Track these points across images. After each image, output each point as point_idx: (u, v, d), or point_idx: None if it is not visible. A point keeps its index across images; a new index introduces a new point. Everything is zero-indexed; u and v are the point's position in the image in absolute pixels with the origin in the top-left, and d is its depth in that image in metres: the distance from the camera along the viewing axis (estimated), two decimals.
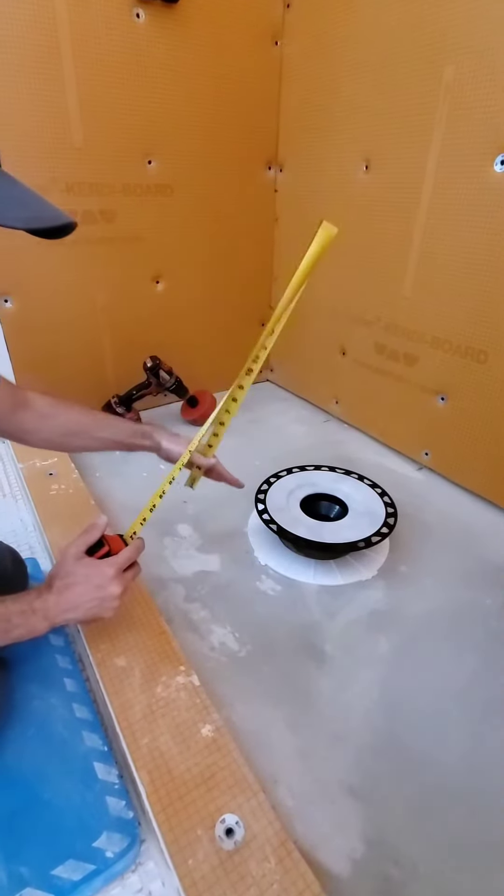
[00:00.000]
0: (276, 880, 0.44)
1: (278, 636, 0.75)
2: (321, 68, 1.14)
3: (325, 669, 0.70)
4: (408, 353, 1.13)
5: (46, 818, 0.51)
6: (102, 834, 0.50)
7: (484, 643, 0.74)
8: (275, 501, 0.93)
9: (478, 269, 0.93)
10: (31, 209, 0.45)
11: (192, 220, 1.28)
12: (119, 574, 0.57)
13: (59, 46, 0.96)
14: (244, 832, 0.47)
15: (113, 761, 0.57)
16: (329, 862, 0.51)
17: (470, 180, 0.90)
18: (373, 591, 0.83)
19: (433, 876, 0.50)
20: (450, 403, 1.07)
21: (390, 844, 0.52)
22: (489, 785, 0.58)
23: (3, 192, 0.44)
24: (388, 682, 0.69)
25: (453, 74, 0.87)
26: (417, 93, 0.94)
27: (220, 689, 0.66)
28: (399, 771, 0.59)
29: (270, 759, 0.59)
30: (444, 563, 0.89)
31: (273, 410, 1.48)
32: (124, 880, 0.49)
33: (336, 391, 1.40)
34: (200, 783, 0.51)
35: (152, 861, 0.50)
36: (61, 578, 0.56)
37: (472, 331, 0.98)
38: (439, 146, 0.93)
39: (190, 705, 0.59)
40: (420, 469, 1.18)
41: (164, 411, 1.42)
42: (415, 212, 1.01)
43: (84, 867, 0.48)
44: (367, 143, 1.08)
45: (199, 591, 0.83)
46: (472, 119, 0.87)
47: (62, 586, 0.55)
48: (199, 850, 0.46)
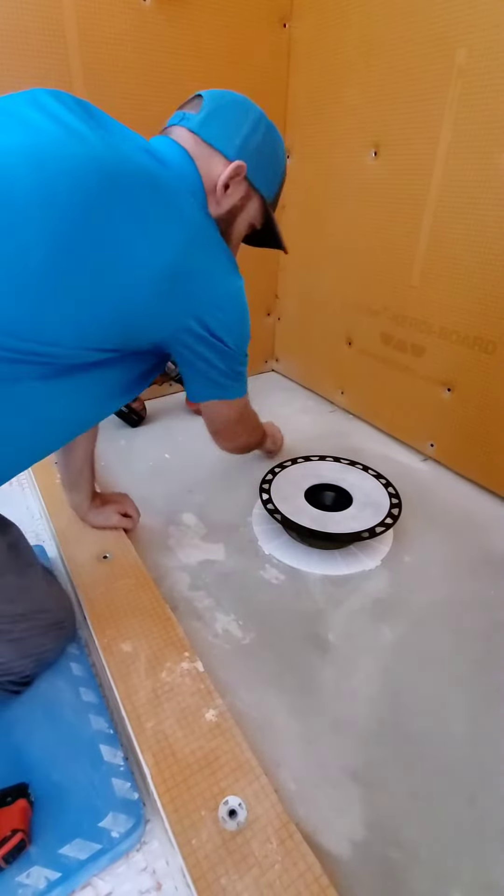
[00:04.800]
0: (277, 861, 0.45)
1: (282, 624, 0.76)
2: (330, 52, 1.12)
3: (328, 658, 0.71)
4: (415, 344, 1.12)
5: (54, 798, 0.52)
6: (108, 814, 0.51)
7: (487, 633, 0.75)
8: (279, 491, 0.93)
9: (488, 258, 0.92)
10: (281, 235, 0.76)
11: None
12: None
13: (65, 30, 0.95)
14: (247, 814, 0.48)
15: (118, 744, 0.58)
16: (330, 844, 0.51)
17: (482, 167, 0.88)
18: (377, 580, 0.84)
19: (434, 860, 0.51)
20: (456, 394, 1.07)
21: (391, 829, 0.53)
22: (490, 772, 0.58)
23: (279, 231, 0.74)
24: (392, 671, 0.69)
25: (466, 57, 0.85)
26: (428, 76, 0.92)
27: (224, 675, 0.67)
28: (401, 757, 0.59)
29: (273, 743, 0.60)
30: (448, 554, 0.89)
31: (278, 401, 1.47)
32: (129, 859, 0.50)
33: (341, 382, 1.39)
34: (204, 766, 0.52)
35: (156, 841, 0.51)
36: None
37: (480, 321, 0.97)
38: (450, 132, 0.92)
39: (194, 690, 0.60)
40: (425, 460, 1.18)
41: (169, 401, 1.43)
42: (424, 199, 1.00)
43: (90, 846, 0.49)
44: (377, 129, 1.06)
45: (204, 580, 0.83)
46: (484, 104, 0.85)
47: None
48: (203, 830, 0.47)
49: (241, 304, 0.63)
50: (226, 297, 0.61)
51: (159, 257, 0.52)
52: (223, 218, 0.66)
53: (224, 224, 0.66)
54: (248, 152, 0.64)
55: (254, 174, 0.65)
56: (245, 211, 0.68)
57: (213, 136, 0.63)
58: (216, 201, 0.64)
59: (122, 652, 0.64)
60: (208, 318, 0.59)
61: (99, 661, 0.66)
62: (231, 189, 0.64)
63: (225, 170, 0.62)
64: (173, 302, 0.56)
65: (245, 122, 0.65)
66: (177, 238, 0.54)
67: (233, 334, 0.63)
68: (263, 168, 0.66)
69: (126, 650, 0.64)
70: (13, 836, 0.47)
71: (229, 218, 0.67)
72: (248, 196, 0.67)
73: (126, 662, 0.63)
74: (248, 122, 0.65)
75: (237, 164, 0.62)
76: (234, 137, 0.63)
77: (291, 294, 1.49)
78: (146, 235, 0.51)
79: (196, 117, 0.63)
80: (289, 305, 1.51)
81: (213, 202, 0.64)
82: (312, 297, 1.39)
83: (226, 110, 0.64)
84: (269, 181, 0.68)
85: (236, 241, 0.72)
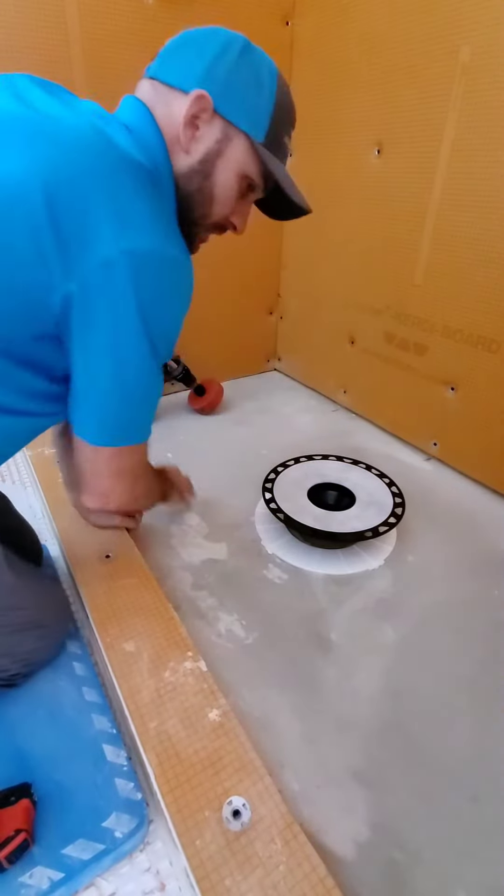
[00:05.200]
0: (282, 861, 0.45)
1: (285, 624, 0.75)
2: (332, 50, 1.11)
3: (331, 657, 0.71)
4: (417, 343, 1.12)
5: (57, 798, 0.52)
6: (111, 814, 0.51)
7: (491, 633, 0.74)
8: (282, 491, 0.93)
9: (491, 256, 0.92)
10: (302, 199, 0.61)
11: None
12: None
13: (67, 27, 0.95)
14: (251, 814, 0.48)
15: (121, 744, 0.58)
16: (334, 845, 0.51)
17: (486, 165, 0.88)
18: (380, 580, 0.83)
19: (438, 861, 0.51)
20: (459, 393, 1.06)
21: (395, 829, 0.53)
22: (494, 772, 0.58)
23: (292, 185, 0.59)
24: (395, 671, 0.69)
25: (470, 55, 0.85)
26: (432, 74, 0.92)
27: (227, 675, 0.67)
28: (404, 757, 0.59)
29: (276, 744, 0.60)
30: (451, 554, 0.89)
31: (280, 400, 1.47)
32: (132, 860, 0.50)
33: (344, 381, 1.39)
34: (208, 766, 0.52)
35: (160, 841, 0.51)
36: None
37: (484, 320, 0.97)
38: (454, 130, 0.91)
39: (197, 690, 0.59)
40: (428, 459, 1.17)
41: (171, 400, 1.42)
42: (427, 198, 0.99)
43: (93, 846, 0.49)
44: (380, 127, 1.05)
45: (207, 579, 0.83)
46: (489, 102, 0.85)
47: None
48: (207, 830, 0.47)
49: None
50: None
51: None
52: (198, 171, 0.54)
53: (199, 178, 0.55)
54: (216, 79, 0.51)
55: (227, 105, 0.52)
56: (225, 157, 0.54)
57: (171, 72, 0.52)
58: (183, 149, 0.53)
59: (125, 651, 0.64)
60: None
61: (102, 661, 0.66)
62: (201, 130, 0.52)
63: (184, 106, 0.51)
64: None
65: (210, 47, 0.51)
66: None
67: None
68: (240, 96, 0.52)
69: (129, 649, 0.64)
70: (16, 835, 0.46)
71: (205, 169, 0.54)
72: (226, 137, 0.53)
73: (129, 662, 0.63)
74: (213, 45, 0.52)
75: (195, 93, 0.50)
76: (195, 65, 0.51)
77: (294, 292, 1.48)
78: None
79: (156, 59, 0.54)
80: (291, 304, 1.51)
81: (179, 153, 0.53)
82: (315, 295, 1.39)
83: (188, 42, 0.53)
84: (252, 113, 0.53)
85: (225, 200, 0.57)
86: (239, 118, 0.53)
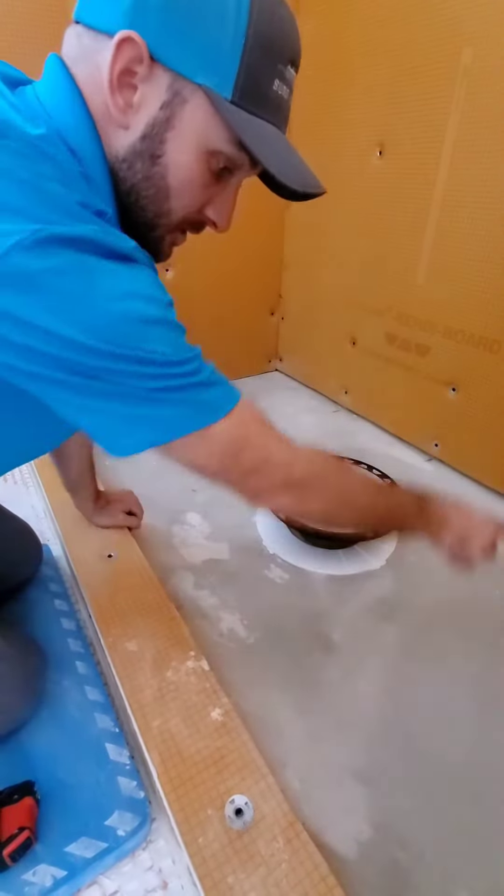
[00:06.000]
0: (284, 860, 0.45)
1: (286, 624, 0.76)
2: (335, 51, 1.12)
3: (332, 657, 0.71)
4: (419, 343, 1.12)
5: (59, 797, 0.52)
6: (114, 813, 0.51)
7: (492, 633, 0.74)
8: None
9: (493, 257, 0.92)
10: (303, 175, 0.44)
11: None
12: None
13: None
14: (253, 813, 0.48)
15: (124, 743, 0.58)
16: (336, 844, 0.51)
17: (488, 167, 0.88)
18: (381, 580, 0.83)
19: (439, 861, 0.51)
20: (461, 394, 1.06)
21: (397, 829, 0.53)
22: (495, 772, 0.58)
23: (287, 159, 0.42)
24: (396, 671, 0.69)
25: (472, 57, 0.85)
26: (434, 76, 0.92)
27: (229, 674, 0.67)
28: (405, 758, 0.59)
29: (278, 743, 0.60)
30: None
31: (281, 400, 1.47)
32: (135, 858, 0.50)
33: (346, 381, 1.39)
34: (210, 765, 0.52)
35: (162, 839, 0.51)
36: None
37: (485, 320, 0.97)
38: (456, 131, 0.91)
39: (200, 689, 0.60)
40: (429, 460, 1.17)
41: None
42: (429, 199, 0.99)
43: (96, 845, 0.49)
44: (382, 128, 1.06)
45: (209, 579, 0.83)
46: (491, 103, 0.85)
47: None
48: (209, 829, 0.47)
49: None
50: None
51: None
52: (140, 152, 0.39)
53: (144, 163, 0.39)
54: (149, 11, 0.34)
55: (170, 49, 0.35)
56: (177, 128, 0.38)
57: (94, 9, 0.36)
58: (119, 123, 0.38)
59: (128, 651, 0.64)
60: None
61: (104, 660, 0.66)
62: (140, 92, 0.37)
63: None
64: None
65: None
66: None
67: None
68: (189, 32, 0.35)
69: (131, 649, 0.64)
70: (20, 833, 0.47)
71: (150, 148, 0.39)
72: (175, 96, 0.37)
73: (131, 661, 0.63)
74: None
75: (119, 36, 0.34)
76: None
77: (295, 293, 1.49)
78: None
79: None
80: (293, 305, 1.51)
81: (114, 130, 0.38)
82: (316, 296, 1.39)
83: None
84: (211, 55, 0.36)
85: (187, 190, 0.41)
86: (191, 65, 0.36)
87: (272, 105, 0.40)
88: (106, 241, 0.35)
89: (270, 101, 0.39)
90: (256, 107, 0.38)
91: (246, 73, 0.37)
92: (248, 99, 0.38)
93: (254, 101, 0.38)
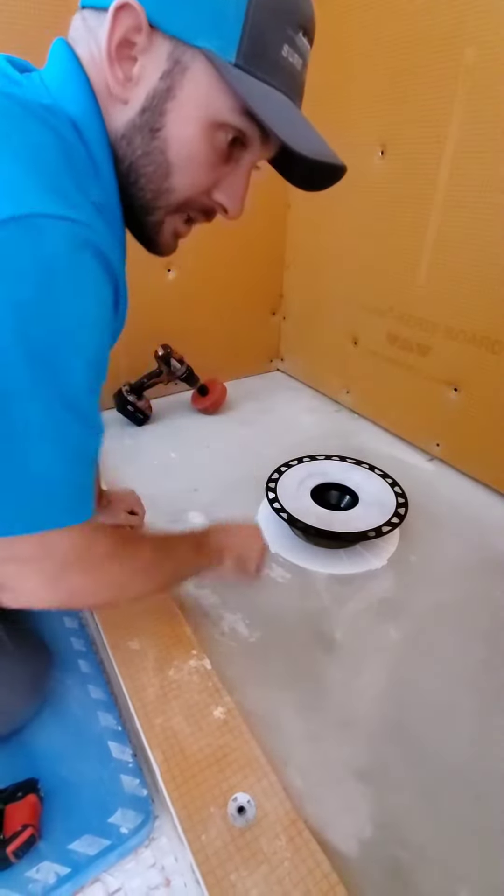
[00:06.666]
0: (286, 858, 0.45)
1: (288, 623, 0.76)
2: (336, 52, 1.12)
3: (334, 656, 0.71)
4: (421, 344, 1.12)
5: (63, 794, 0.53)
6: (117, 810, 0.52)
7: (493, 633, 0.75)
8: (285, 490, 0.93)
9: (494, 258, 0.92)
10: (318, 145, 0.41)
11: None
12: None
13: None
14: (255, 811, 0.48)
15: (127, 741, 0.58)
16: (338, 842, 0.51)
17: (490, 167, 0.88)
18: (382, 580, 0.84)
19: (441, 859, 0.51)
20: (462, 394, 1.06)
21: (398, 827, 0.53)
22: (496, 771, 0.58)
23: (300, 128, 0.40)
24: (397, 670, 0.69)
25: (474, 57, 0.85)
26: (436, 76, 0.92)
27: (231, 673, 0.67)
28: (407, 756, 0.59)
29: (280, 741, 0.60)
30: (454, 554, 0.89)
31: (283, 400, 1.48)
32: (138, 855, 0.50)
33: (347, 381, 1.39)
34: (213, 763, 0.52)
35: (165, 837, 0.52)
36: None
37: (486, 321, 0.97)
38: (458, 131, 0.91)
39: (202, 688, 0.60)
40: (431, 460, 1.18)
41: (174, 400, 1.43)
42: (431, 199, 1.00)
43: (100, 842, 0.49)
44: (383, 129, 1.06)
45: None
46: (492, 103, 0.85)
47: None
48: (212, 826, 0.47)
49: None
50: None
51: None
52: (139, 126, 0.37)
53: (143, 137, 0.38)
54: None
55: (170, 13, 0.34)
56: (179, 98, 0.36)
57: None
58: (119, 98, 0.37)
59: (130, 649, 0.64)
60: None
61: (107, 659, 0.67)
62: (139, 63, 0.36)
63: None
64: None
65: None
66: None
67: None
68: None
69: (134, 648, 0.65)
70: (23, 830, 0.47)
71: (150, 122, 0.37)
72: (176, 64, 0.35)
73: (134, 660, 0.63)
74: None
75: (118, 2, 0.33)
76: None
77: (297, 293, 1.49)
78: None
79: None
80: (294, 304, 1.51)
81: (115, 106, 0.37)
82: (318, 296, 1.39)
83: None
84: (214, 16, 0.34)
85: (191, 167, 0.39)
86: (192, 27, 0.34)
87: (283, 73, 0.37)
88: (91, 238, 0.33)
89: (280, 67, 0.37)
90: (264, 72, 0.36)
91: (251, 34, 0.34)
92: (255, 63, 0.35)
93: (261, 66, 0.36)
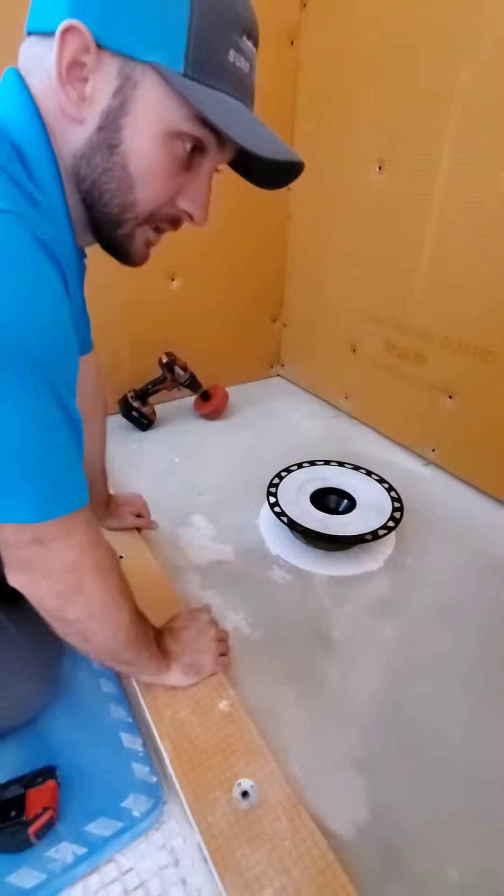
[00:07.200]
0: (287, 837, 0.49)
1: (288, 622, 0.79)
2: (336, 69, 1.16)
3: (332, 654, 0.75)
4: (417, 352, 1.16)
5: (79, 781, 0.56)
6: (129, 795, 0.55)
7: (486, 632, 0.78)
8: (286, 494, 0.97)
9: (489, 270, 0.96)
10: (274, 143, 0.42)
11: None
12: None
13: None
14: (258, 795, 0.52)
15: (137, 731, 0.62)
16: (335, 827, 0.55)
17: (482, 183, 0.92)
18: (379, 581, 0.87)
19: (432, 843, 0.54)
20: (457, 402, 1.10)
21: (392, 813, 0.57)
22: (487, 762, 0.62)
23: (254, 129, 0.41)
24: (393, 667, 0.73)
25: (468, 79, 0.89)
26: (432, 95, 0.96)
27: (235, 669, 0.70)
28: (401, 747, 0.63)
29: (281, 733, 0.63)
30: (448, 557, 0.93)
31: (283, 405, 1.51)
32: (149, 837, 0.54)
33: (346, 387, 1.43)
34: (218, 751, 0.56)
35: (174, 820, 0.55)
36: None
37: (481, 332, 1.01)
38: (453, 149, 0.95)
39: (207, 682, 0.64)
40: (427, 465, 1.21)
41: (178, 405, 1.46)
42: (427, 213, 1.03)
43: (113, 824, 0.53)
44: (381, 145, 1.10)
45: (214, 579, 0.87)
46: (486, 122, 0.89)
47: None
48: (218, 809, 0.51)
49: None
50: None
51: None
52: (98, 144, 0.38)
53: (102, 155, 0.39)
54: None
55: (116, 31, 0.35)
56: (132, 113, 0.37)
57: (39, 13, 0.37)
58: (75, 119, 0.38)
59: None
60: None
61: None
62: (91, 83, 0.36)
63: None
64: None
65: None
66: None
67: None
68: (132, 10, 0.35)
69: None
70: (44, 813, 0.51)
71: (107, 139, 0.38)
72: (126, 81, 0.36)
73: None
74: None
75: (62, 27, 0.34)
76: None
77: (297, 301, 1.52)
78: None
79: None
80: (295, 312, 1.55)
81: (72, 128, 0.38)
82: (318, 304, 1.43)
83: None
84: (158, 30, 0.35)
85: (152, 178, 0.40)
86: (137, 43, 0.35)
87: (231, 78, 0.39)
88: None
89: (228, 73, 0.38)
90: (213, 79, 0.37)
91: (196, 44, 0.36)
92: (203, 71, 0.37)
93: (209, 73, 0.37)
